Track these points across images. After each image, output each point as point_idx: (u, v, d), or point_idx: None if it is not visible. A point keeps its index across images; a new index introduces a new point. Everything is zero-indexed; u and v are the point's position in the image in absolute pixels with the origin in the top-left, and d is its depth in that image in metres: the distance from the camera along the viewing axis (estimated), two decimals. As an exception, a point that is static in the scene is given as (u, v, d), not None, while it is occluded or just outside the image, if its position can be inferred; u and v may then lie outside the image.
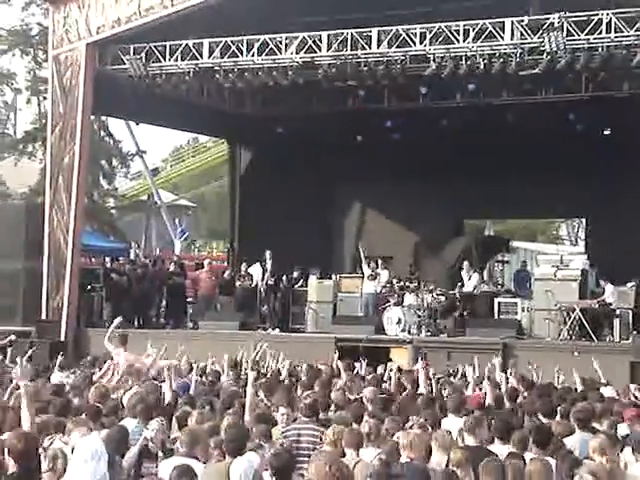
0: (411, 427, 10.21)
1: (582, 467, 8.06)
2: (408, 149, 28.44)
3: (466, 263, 25.77)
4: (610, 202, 27.46)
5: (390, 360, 20.50)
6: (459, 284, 25.62)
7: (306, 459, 9.29)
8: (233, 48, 24.54)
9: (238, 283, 27.54)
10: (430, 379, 14.36)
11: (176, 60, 25.10)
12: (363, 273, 25.88)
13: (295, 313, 26.65)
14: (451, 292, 25.53)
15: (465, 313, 24.98)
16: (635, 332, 22.43)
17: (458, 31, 22.76)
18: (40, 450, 8.56)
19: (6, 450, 7.69)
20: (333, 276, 26.63)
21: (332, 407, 11.77)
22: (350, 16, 23.84)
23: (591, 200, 28.40)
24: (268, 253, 26.82)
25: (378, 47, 23.50)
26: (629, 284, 23.67)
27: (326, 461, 7.20)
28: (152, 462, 9.26)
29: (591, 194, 28.08)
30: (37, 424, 9.42)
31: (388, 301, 25.15)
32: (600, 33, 21.62)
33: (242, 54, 24.51)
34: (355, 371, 17.05)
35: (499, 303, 24.80)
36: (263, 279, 26.88)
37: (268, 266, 26.84)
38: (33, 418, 9.00)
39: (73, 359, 21.01)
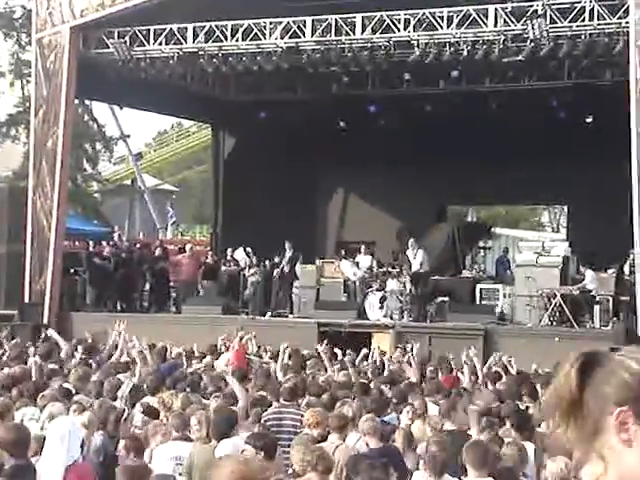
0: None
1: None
2: (391, 135, 28.49)
3: (411, 240, 25.08)
4: (591, 189, 27.59)
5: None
6: (407, 264, 24.90)
7: (288, 442, 9.37)
8: (217, 33, 24.53)
9: (223, 268, 27.57)
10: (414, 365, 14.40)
11: (160, 44, 25.07)
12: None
13: (278, 298, 26.67)
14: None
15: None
16: (615, 318, 22.61)
17: (442, 17, 22.81)
18: None
19: None
20: (317, 261, 26.69)
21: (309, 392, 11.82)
22: (334, 1, 23.85)
23: (573, 187, 28.53)
24: (287, 244, 26.21)
25: (362, 33, 23.54)
26: (609, 270, 23.84)
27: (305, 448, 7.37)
28: None
29: (573, 181, 28.19)
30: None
31: (370, 286, 25.23)
32: (583, 21, 21.73)
33: (226, 39, 24.51)
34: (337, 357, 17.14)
35: (481, 289, 24.94)
36: (279, 266, 26.40)
37: (287, 255, 26.44)
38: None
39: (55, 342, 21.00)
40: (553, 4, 21.82)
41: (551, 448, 7.95)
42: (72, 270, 27.36)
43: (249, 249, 27.14)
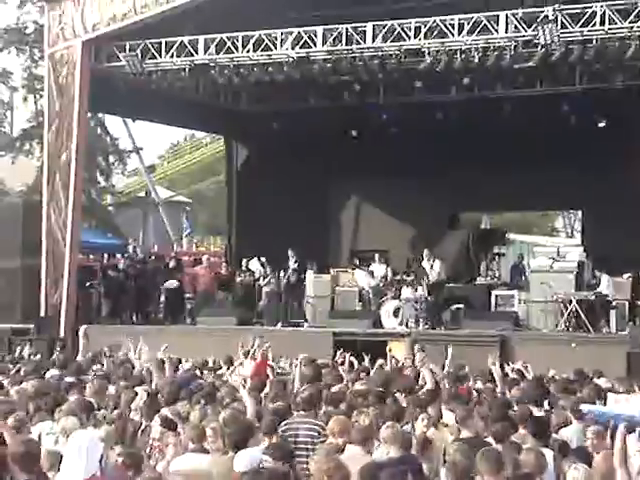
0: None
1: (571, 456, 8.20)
2: (403, 143, 28.46)
3: (426, 251, 25.15)
4: (605, 194, 27.48)
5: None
6: (422, 273, 25.01)
7: (304, 453, 9.34)
8: (228, 44, 24.59)
9: (239, 279, 27.57)
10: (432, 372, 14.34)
11: (172, 57, 25.13)
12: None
13: (288, 308, 26.64)
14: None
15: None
16: (631, 323, 22.55)
17: (453, 25, 22.79)
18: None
19: (10, 458, 7.59)
20: (331, 270, 26.67)
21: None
22: (345, 11, 23.88)
23: (587, 192, 28.42)
24: (290, 252, 26.30)
25: (373, 42, 23.54)
26: (625, 275, 23.77)
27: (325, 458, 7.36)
28: None
29: (587, 186, 28.09)
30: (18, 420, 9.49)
31: (385, 295, 25.22)
32: (594, 25, 21.68)
33: (237, 50, 24.55)
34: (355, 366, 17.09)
35: (496, 296, 24.88)
36: (286, 275, 26.42)
37: (291, 264, 26.44)
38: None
39: (71, 356, 21.05)
40: (564, 9, 21.79)
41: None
42: (87, 283, 27.43)
43: (263, 259, 27.15)
